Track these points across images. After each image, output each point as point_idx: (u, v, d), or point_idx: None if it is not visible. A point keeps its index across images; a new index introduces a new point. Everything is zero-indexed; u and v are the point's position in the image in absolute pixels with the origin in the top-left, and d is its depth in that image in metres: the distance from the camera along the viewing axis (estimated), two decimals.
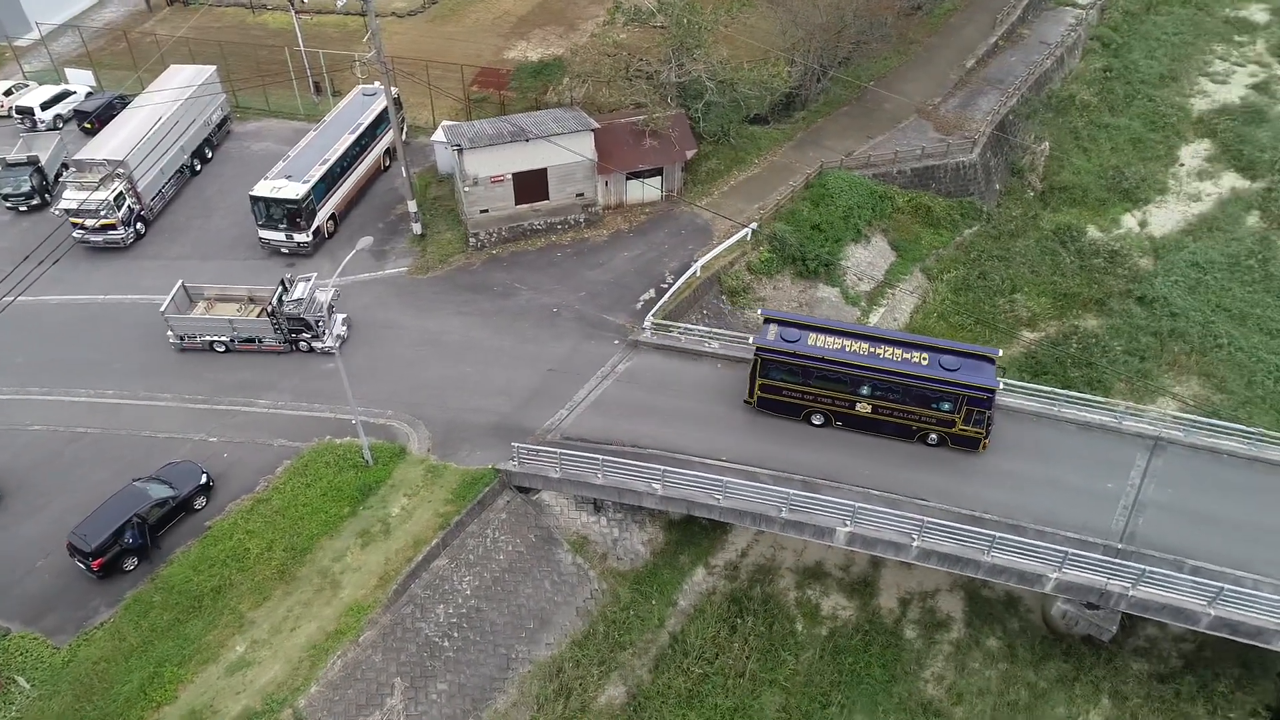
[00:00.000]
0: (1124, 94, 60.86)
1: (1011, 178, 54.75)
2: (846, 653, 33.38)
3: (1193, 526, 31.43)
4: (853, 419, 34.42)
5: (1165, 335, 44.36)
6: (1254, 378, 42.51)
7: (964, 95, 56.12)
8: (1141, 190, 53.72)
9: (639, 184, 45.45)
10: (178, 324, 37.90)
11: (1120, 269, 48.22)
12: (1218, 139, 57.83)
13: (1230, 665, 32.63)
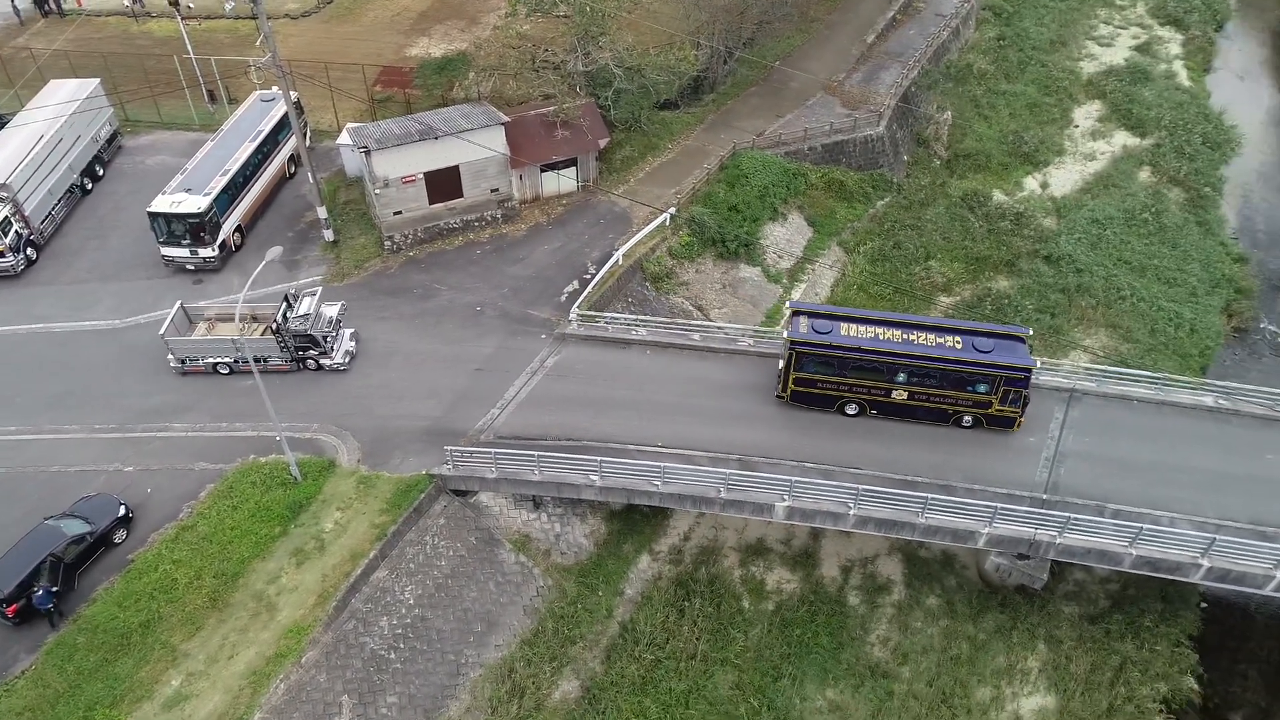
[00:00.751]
0: (1018, 61, 62.83)
1: (918, 148, 56.05)
2: (794, 625, 33.89)
3: (1110, 472, 32.80)
4: (888, 406, 34.16)
5: (1072, 291, 46.05)
6: (1156, 325, 44.50)
7: (867, 70, 57.16)
8: (1041, 153, 55.58)
9: (554, 176, 45.06)
10: (179, 347, 36.19)
11: (1026, 230, 49.81)
12: (1107, 100, 60.21)
13: (1153, 601, 34.23)
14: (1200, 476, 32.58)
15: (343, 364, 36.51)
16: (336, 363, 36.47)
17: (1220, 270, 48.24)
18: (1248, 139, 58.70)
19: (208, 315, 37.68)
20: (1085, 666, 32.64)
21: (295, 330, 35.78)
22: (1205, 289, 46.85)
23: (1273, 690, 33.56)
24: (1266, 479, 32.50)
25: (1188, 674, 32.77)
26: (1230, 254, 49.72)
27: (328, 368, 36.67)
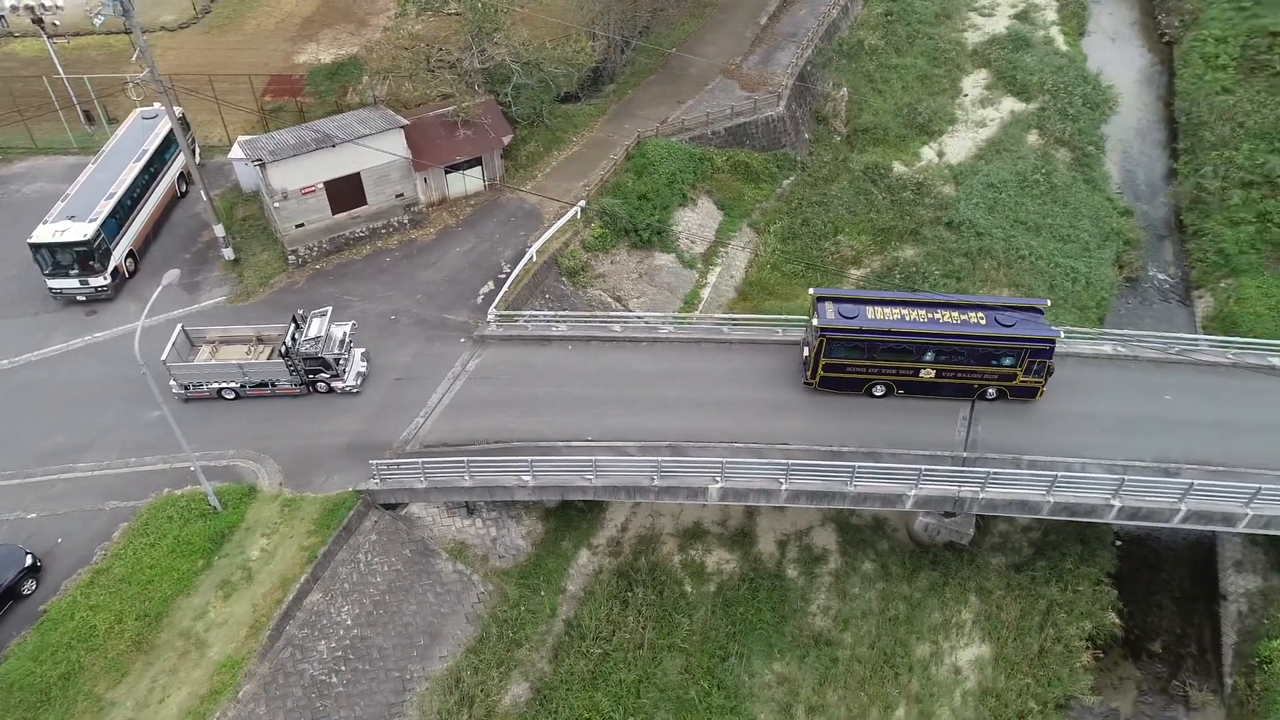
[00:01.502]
0: (906, 35, 64.48)
1: (818, 125, 57.08)
2: (736, 603, 34.31)
3: (1023, 425, 34.09)
4: (916, 385, 34.42)
5: (975, 254, 47.61)
6: (1054, 281, 46.40)
7: (763, 51, 57.89)
8: (935, 123, 57.21)
9: (459, 177, 44.35)
10: (181, 372, 34.60)
11: (927, 199, 51.29)
12: (993, 68, 62.32)
13: (1073, 544, 35.83)
14: (1106, 421, 34.15)
15: (355, 386, 35.25)
16: (349, 385, 35.18)
17: (1109, 224, 50.56)
18: (1123, 98, 61.58)
19: (210, 338, 35.92)
20: (1015, 613, 33.98)
21: (306, 353, 34.35)
22: (1097, 243, 49.06)
23: (1185, 616, 35.54)
24: (1166, 419, 34.27)
25: (1109, 610, 34.41)
26: (1117, 208, 52.18)
27: (339, 390, 35.29)
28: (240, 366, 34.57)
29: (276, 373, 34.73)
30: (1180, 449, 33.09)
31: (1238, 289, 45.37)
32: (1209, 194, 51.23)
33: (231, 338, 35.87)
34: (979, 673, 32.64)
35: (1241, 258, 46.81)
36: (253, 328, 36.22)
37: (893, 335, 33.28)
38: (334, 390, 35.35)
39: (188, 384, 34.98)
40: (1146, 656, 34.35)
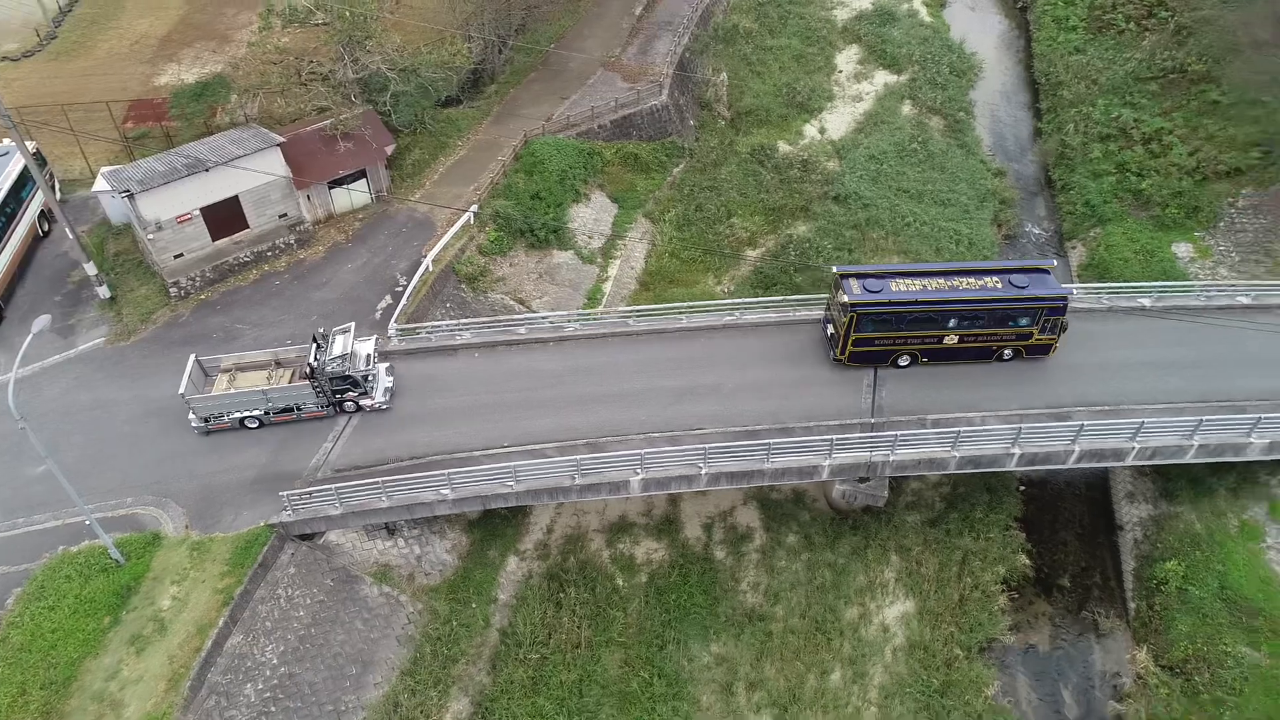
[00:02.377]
0: (778, 16, 65.73)
1: (702, 111, 57.73)
2: (668, 591, 34.62)
3: (923, 386, 35.37)
4: (939, 352, 35.18)
5: (863, 225, 49.07)
6: (939, 244, 48.25)
7: (641, 42, 58.14)
8: (814, 101, 58.58)
9: (344, 191, 43.13)
10: (201, 405, 32.91)
11: (814, 175, 52.51)
12: (863, 43, 64.21)
13: (980, 494, 37.46)
14: (1001, 374, 35.73)
15: (384, 403, 34.10)
16: (378, 402, 34.09)
17: (985, 186, 52.82)
18: (987, 64, 64.38)
19: (225, 367, 34.20)
20: (934, 567, 35.34)
21: (333, 372, 32.96)
22: (975, 205, 51.21)
23: (1088, 549, 37.65)
24: (1055, 366, 36.05)
25: (1019, 553, 36.14)
26: (990, 170, 54.55)
27: (368, 409, 34.14)
28: (264, 393, 33.04)
29: (302, 396, 33.38)
30: (1070, 394, 34.90)
31: (1105, 237, 48.11)
32: (1072, 149, 54.07)
33: (247, 364, 34.32)
34: (906, 628, 33.84)
35: (1106, 207, 49.63)
36: (269, 351, 34.82)
37: (920, 305, 34.11)
38: (362, 409, 34.26)
39: (207, 416, 33.34)
40: (1057, 592, 36.26)
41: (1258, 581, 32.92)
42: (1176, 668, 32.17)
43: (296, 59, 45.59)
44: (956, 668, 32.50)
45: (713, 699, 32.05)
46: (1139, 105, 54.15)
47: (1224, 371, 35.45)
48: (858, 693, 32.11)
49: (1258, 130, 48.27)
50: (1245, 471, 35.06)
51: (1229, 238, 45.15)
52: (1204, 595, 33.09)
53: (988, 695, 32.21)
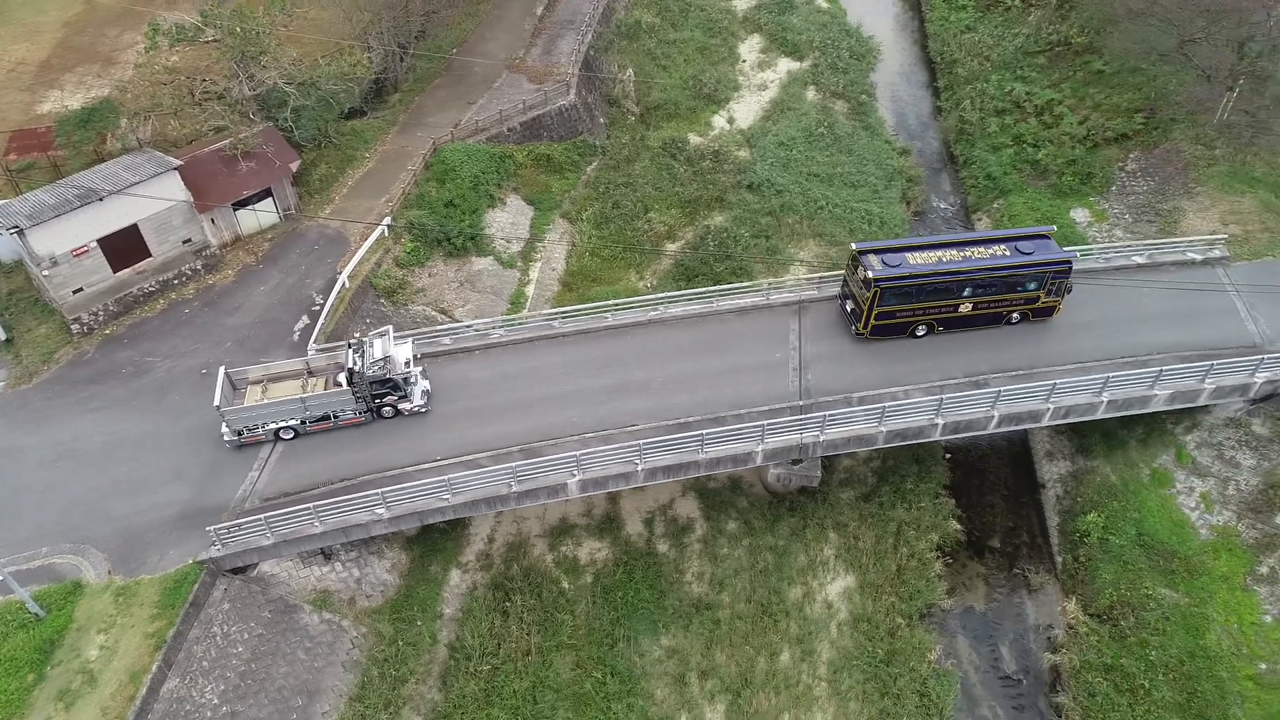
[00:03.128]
0: (679, 9, 66.19)
1: (611, 108, 57.79)
2: (614, 589, 34.71)
3: (848, 365, 36.17)
4: (953, 320, 36.08)
5: (778, 212, 49.87)
6: (853, 225, 49.34)
7: (544, 42, 57.87)
8: (720, 91, 59.22)
9: (250, 212, 41.88)
10: (236, 417, 32.01)
11: (726, 165, 53.12)
12: (764, 32, 65.15)
13: (909, 466, 38.53)
14: (919, 347, 36.70)
15: (423, 406, 33.36)
16: (416, 406, 33.53)
17: (891, 165, 54.21)
18: (884, 46, 66.00)
19: (253, 378, 33.29)
20: (871, 540, 36.23)
21: (374, 376, 32.08)
22: (883, 184, 52.51)
23: (1014, 509, 39.09)
24: (968, 337, 37.18)
25: (950, 519, 37.33)
26: (895, 149, 56.01)
27: (407, 412, 33.59)
28: (303, 401, 32.04)
29: (341, 403, 32.57)
30: (987, 361, 36.10)
31: (1008, 207, 49.86)
32: (970, 125, 55.89)
33: (278, 374, 33.57)
34: (848, 602, 34.64)
35: (1006, 179, 51.46)
36: (299, 360, 34.06)
37: (939, 277, 34.85)
38: (401, 413, 33.62)
39: (241, 429, 32.39)
40: (988, 553, 37.58)
41: (1171, 525, 34.68)
42: (1103, 615, 33.68)
43: (188, 78, 44.02)
44: (899, 636, 33.42)
45: (667, 691, 32.29)
46: (1029, 79, 56.26)
47: (1126, 329, 37.14)
48: (807, 670, 32.75)
49: (1140, 96, 50.65)
50: (1152, 422, 36.84)
51: (1121, 201, 47.30)
52: (1123, 543, 34.72)
53: (931, 659, 33.20)
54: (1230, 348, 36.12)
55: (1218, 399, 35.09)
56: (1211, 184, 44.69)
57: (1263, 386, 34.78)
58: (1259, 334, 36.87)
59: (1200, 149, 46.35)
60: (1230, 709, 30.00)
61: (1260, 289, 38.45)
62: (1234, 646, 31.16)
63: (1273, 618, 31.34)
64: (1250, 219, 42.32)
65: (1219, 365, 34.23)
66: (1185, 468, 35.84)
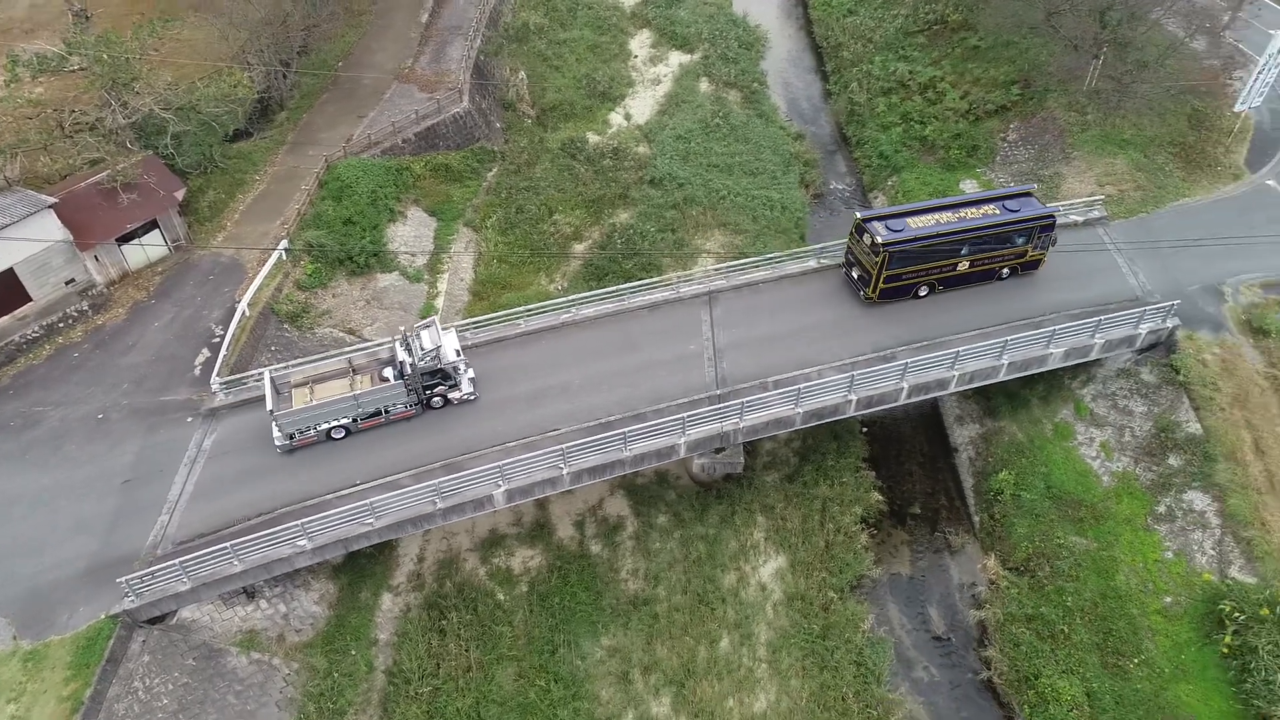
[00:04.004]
0: (567, 9, 66.17)
1: (506, 112, 57.38)
2: (551, 595, 34.59)
3: (760, 350, 36.74)
4: (952, 279, 37.64)
5: (682, 204, 50.32)
6: (755, 213, 50.17)
7: (432, 49, 57.05)
8: (615, 88, 59.42)
9: (136, 246, 40.15)
10: (289, 420, 31.71)
11: (626, 162, 53.34)
12: (653, 27, 65.63)
13: (829, 443, 39.45)
14: (828, 327, 37.62)
15: (472, 394, 33.75)
16: (466, 394, 33.83)
17: (787, 151, 55.30)
18: (771, 34, 67.27)
19: (296, 381, 32.97)
20: (798, 520, 36.98)
21: (426, 367, 32.26)
22: (782, 170, 53.52)
23: (931, 475, 40.45)
24: (876, 311, 38.28)
25: (872, 491, 38.38)
26: (790, 135, 57.17)
27: (456, 401, 33.91)
28: (356, 398, 31.89)
29: (394, 397, 32.64)
30: (893, 334, 37.16)
31: (902, 184, 51.46)
32: (860, 106, 57.43)
33: (322, 375, 33.34)
34: (782, 582, 35.30)
35: (898, 156, 53.08)
36: (340, 358, 34.06)
37: (941, 238, 36.14)
38: (450, 402, 33.93)
39: (293, 432, 32.09)
40: (910, 520, 38.79)
41: (1075, 475, 36.41)
42: (1021, 567, 35.16)
43: (56, 110, 41.89)
44: (833, 610, 34.23)
45: (612, 691, 32.36)
46: (911, 58, 58.10)
47: (1019, 292, 38.72)
48: (747, 653, 33.26)
49: (1015, 69, 52.87)
50: (1051, 380, 38.58)
51: (1006, 170, 49.30)
52: (1034, 497, 36.29)
53: (865, 629, 34.12)
54: (1115, 302, 38.07)
55: (1108, 352, 36.97)
56: (1086, 148, 46.99)
57: (1147, 336, 36.78)
58: (1139, 287, 38.97)
59: (1073, 115, 48.67)
60: (1143, 643, 31.70)
61: (1137, 245, 40.61)
62: (1141, 584, 32.93)
63: (1173, 553, 33.23)
64: (1123, 179, 44.67)
65: (1106, 320, 36.03)
66: (1084, 420, 37.64)
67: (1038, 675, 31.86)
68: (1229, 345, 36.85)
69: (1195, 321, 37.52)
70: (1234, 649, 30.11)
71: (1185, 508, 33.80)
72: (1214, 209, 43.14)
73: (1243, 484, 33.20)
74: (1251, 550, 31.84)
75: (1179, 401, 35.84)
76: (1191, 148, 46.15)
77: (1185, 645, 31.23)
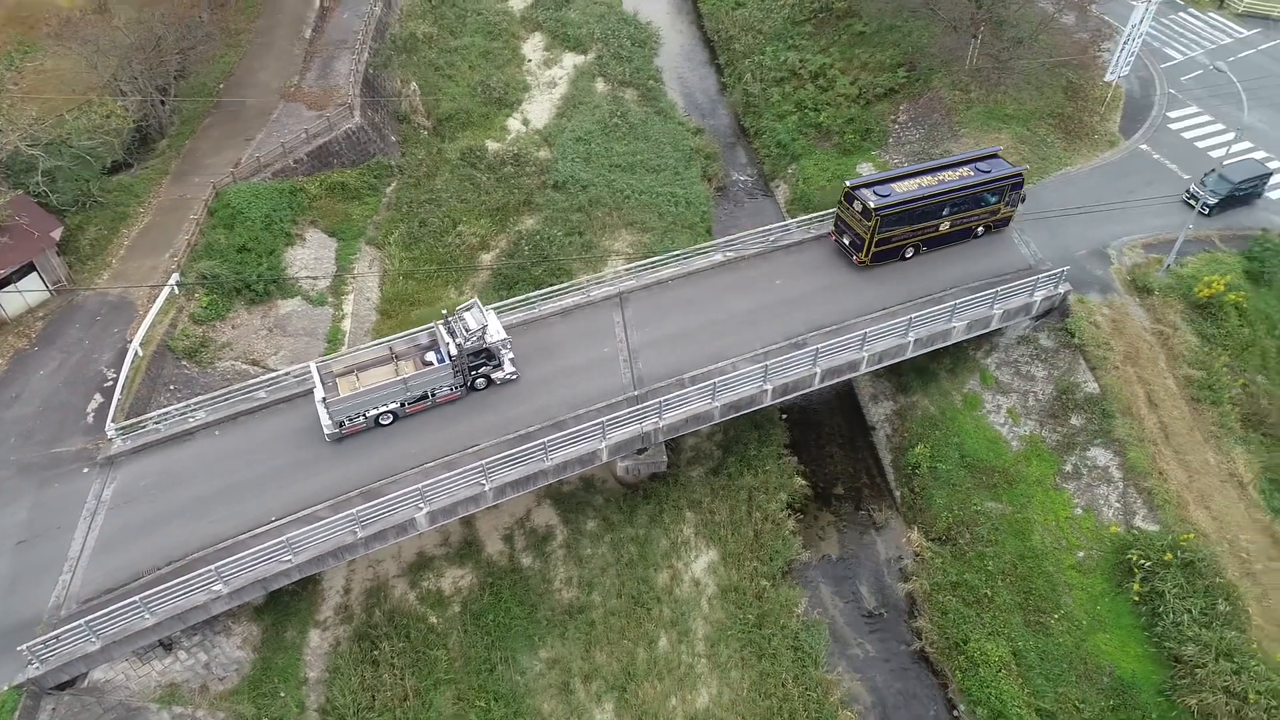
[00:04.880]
0: (455, 16, 65.23)
1: (401, 125, 56.23)
2: (484, 613, 34.08)
3: (673, 347, 36.81)
4: (935, 240, 39.53)
5: (587, 207, 50.12)
6: (660, 209, 50.30)
7: (319, 65, 55.51)
8: (511, 94, 58.86)
9: (12, 293, 37.91)
10: (340, 408, 32.08)
11: (528, 167, 52.88)
12: (545, 29, 65.21)
13: (750, 433, 39.88)
14: (739, 319, 37.90)
15: (514, 373, 34.51)
16: (508, 373, 34.47)
17: (687, 146, 55.60)
18: (663, 30, 67.57)
19: (338, 371, 33.50)
20: (726, 512, 37.29)
21: (473, 348, 33.04)
22: (683, 166, 53.80)
23: (851, 455, 41.30)
24: (785, 300, 38.75)
25: (795, 476, 38.95)
26: (689, 130, 57.50)
27: (499, 380, 34.61)
28: (405, 382, 32.54)
29: (441, 380, 33.28)
30: (803, 321, 37.71)
31: (801, 171, 52.36)
32: (755, 97, 58.17)
33: (365, 363, 33.99)
34: (714, 576, 35.54)
35: (795, 144, 53.96)
36: (381, 345, 34.85)
37: (927, 200, 37.96)
38: (493, 382, 34.53)
39: (343, 420, 32.42)
40: (835, 500, 39.53)
41: (986, 443, 37.64)
42: (943, 537, 36.19)
43: None
44: (766, 598, 34.61)
45: (554, 704, 32.08)
46: (800, 46, 59.12)
47: (922, 269, 39.75)
48: (686, 650, 33.38)
49: (899, 52, 54.28)
50: (957, 352, 39.78)
51: (899, 151, 50.59)
52: (949, 468, 37.37)
53: (799, 614, 34.63)
54: (1011, 272, 39.44)
55: (1007, 321, 38.30)
56: (972, 125, 48.57)
57: (1042, 304, 38.21)
58: (1031, 256, 40.48)
59: (958, 94, 50.24)
60: (1061, 599, 32.98)
61: (1026, 215, 42.17)
62: (1055, 542, 34.25)
63: (1082, 509, 34.65)
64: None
65: (1003, 291, 37.30)
66: (991, 388, 38.92)
67: (966, 640, 32.85)
68: (1117, 305, 38.58)
69: (1085, 285, 39.17)
70: (1143, 595, 31.57)
71: (1090, 464, 35.27)
72: (1094, 176, 45.11)
73: (1139, 437, 34.81)
74: (1152, 499, 33.42)
75: (1076, 363, 37.36)
76: (1070, 118, 48.13)
77: (1100, 596, 32.60)
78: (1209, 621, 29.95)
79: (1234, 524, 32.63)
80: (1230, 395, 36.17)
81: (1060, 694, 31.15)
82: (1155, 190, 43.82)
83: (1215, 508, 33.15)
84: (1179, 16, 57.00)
